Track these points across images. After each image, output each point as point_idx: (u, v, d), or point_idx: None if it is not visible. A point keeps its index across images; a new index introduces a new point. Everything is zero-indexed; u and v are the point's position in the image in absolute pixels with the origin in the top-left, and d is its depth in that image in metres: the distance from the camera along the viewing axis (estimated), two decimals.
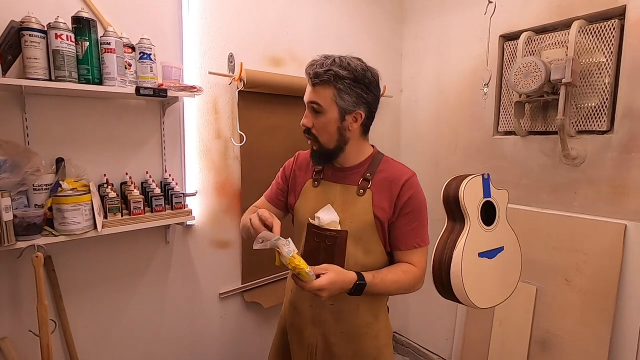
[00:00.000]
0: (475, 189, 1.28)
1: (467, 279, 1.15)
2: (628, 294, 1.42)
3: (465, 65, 1.92)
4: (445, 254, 1.20)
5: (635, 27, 1.36)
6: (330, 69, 0.93)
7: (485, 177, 1.30)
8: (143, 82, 1.18)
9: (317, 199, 1.02)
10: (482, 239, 1.28)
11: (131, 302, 1.39)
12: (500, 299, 1.28)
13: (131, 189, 1.22)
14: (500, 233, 1.32)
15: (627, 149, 1.41)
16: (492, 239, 1.30)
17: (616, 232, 1.43)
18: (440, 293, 1.23)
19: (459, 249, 1.17)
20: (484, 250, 1.27)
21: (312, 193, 1.04)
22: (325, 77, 0.93)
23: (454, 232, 1.25)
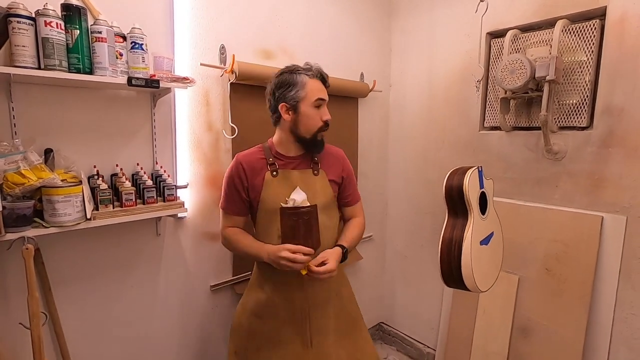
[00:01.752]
0: (475, 182, 1.33)
1: (476, 268, 1.21)
2: (603, 281, 1.50)
3: (453, 61, 1.96)
4: (454, 248, 1.24)
5: (614, 27, 1.42)
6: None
7: (480, 170, 1.36)
8: (135, 72, 1.17)
9: (280, 185, 1.21)
10: (481, 227, 1.34)
11: (122, 295, 1.38)
12: (494, 279, 1.36)
13: (122, 181, 1.21)
14: (491, 220, 1.39)
15: (605, 144, 1.48)
16: (487, 226, 1.37)
17: (593, 224, 1.50)
18: (448, 284, 1.28)
19: (467, 242, 1.22)
20: (483, 238, 1.33)
21: (274, 182, 1.21)
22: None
23: (457, 225, 1.29)
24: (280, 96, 1.19)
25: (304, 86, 1.17)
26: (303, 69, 1.20)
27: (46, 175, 1.04)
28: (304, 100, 1.17)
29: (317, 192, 1.23)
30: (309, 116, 1.19)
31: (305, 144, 1.23)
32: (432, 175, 2.11)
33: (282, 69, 1.22)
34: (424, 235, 2.17)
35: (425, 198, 2.16)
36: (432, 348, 2.18)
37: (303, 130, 1.20)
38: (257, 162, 1.23)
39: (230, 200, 1.24)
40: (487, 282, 1.30)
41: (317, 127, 1.20)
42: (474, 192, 1.27)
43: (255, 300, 1.28)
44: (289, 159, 1.24)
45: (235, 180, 1.22)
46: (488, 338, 1.79)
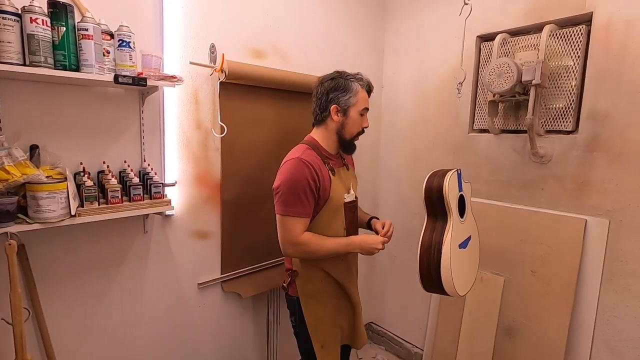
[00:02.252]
0: (454, 185, 1.33)
1: (455, 272, 1.20)
2: (586, 284, 1.52)
3: (444, 63, 1.97)
4: (434, 250, 1.24)
5: (600, 33, 1.44)
6: None
7: (459, 172, 1.36)
8: (122, 70, 1.17)
9: (339, 183, 1.33)
10: (460, 231, 1.34)
11: (108, 292, 1.39)
12: (471, 283, 1.36)
13: (109, 178, 1.21)
14: (469, 223, 1.40)
15: (590, 149, 1.50)
16: (465, 229, 1.37)
17: (577, 227, 1.52)
18: (426, 288, 1.27)
19: (447, 245, 1.21)
20: (461, 242, 1.33)
21: (335, 180, 1.32)
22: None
23: (437, 228, 1.28)
24: (333, 97, 1.30)
25: (357, 94, 1.30)
26: (356, 78, 1.32)
27: (30, 171, 1.04)
28: (354, 106, 1.30)
29: (354, 187, 1.42)
30: (354, 121, 1.32)
31: (344, 144, 1.36)
32: (423, 176, 2.08)
33: (333, 73, 1.34)
34: (414, 236, 2.18)
35: (415, 199, 2.18)
36: (420, 348, 2.20)
37: (347, 132, 1.33)
38: (318, 162, 1.28)
39: (305, 203, 1.23)
40: (465, 286, 1.31)
41: (358, 131, 1.35)
42: (454, 195, 1.28)
43: (328, 285, 1.37)
44: (333, 158, 1.37)
45: (310, 182, 1.23)
46: (474, 338, 1.81)
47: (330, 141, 1.35)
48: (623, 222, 1.43)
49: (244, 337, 1.83)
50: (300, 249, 1.25)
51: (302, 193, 1.22)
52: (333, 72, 1.34)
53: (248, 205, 1.72)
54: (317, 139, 1.35)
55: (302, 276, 1.34)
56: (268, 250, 1.82)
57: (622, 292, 1.45)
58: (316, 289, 1.35)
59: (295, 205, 1.22)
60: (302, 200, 1.22)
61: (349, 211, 1.32)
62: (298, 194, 1.21)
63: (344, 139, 1.34)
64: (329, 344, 1.36)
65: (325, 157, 1.32)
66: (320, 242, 1.25)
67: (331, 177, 1.30)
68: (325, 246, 1.26)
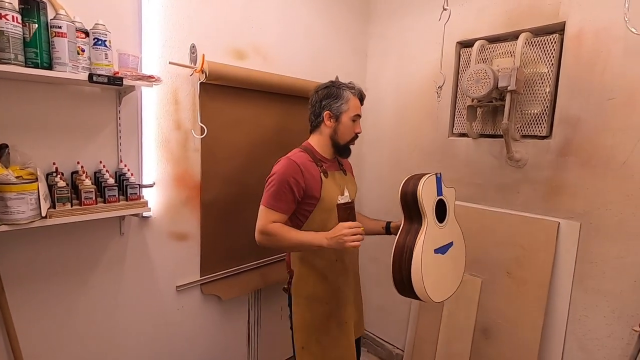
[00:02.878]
0: (431, 188, 1.34)
1: (426, 276, 1.20)
2: (559, 284, 1.56)
3: (425, 68, 2.01)
4: (405, 253, 1.24)
5: (572, 41, 1.49)
6: None
7: (438, 176, 1.37)
8: (97, 69, 1.15)
9: (332, 185, 1.37)
10: (437, 235, 1.34)
11: (83, 295, 1.36)
12: (451, 292, 1.36)
13: (82, 179, 1.19)
14: (450, 229, 1.39)
15: (562, 153, 1.54)
16: (444, 235, 1.37)
17: (551, 229, 1.57)
18: (400, 292, 1.27)
19: (418, 247, 1.21)
20: (438, 247, 1.33)
21: (328, 182, 1.35)
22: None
23: (411, 231, 1.29)
24: (326, 104, 1.37)
25: (348, 101, 1.37)
26: (348, 86, 1.39)
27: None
28: (346, 113, 1.37)
29: (351, 190, 1.46)
30: (346, 126, 1.38)
31: (338, 149, 1.42)
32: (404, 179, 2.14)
33: (327, 83, 1.42)
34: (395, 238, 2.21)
35: (397, 201, 2.19)
36: (401, 349, 2.22)
37: (340, 137, 1.39)
38: (308, 164, 1.34)
39: (282, 199, 1.29)
40: (441, 292, 1.29)
41: (351, 136, 1.40)
42: (429, 199, 1.29)
43: (322, 290, 1.39)
44: (328, 162, 1.42)
45: (291, 180, 1.28)
46: (452, 339, 1.84)
47: (325, 146, 1.41)
48: (593, 224, 1.48)
49: (224, 340, 1.82)
50: (267, 238, 1.29)
51: (281, 188, 1.28)
52: (327, 82, 1.42)
53: (229, 206, 1.70)
54: (312, 144, 1.42)
55: (297, 276, 1.40)
56: (249, 252, 1.81)
57: (592, 292, 1.50)
58: (307, 292, 1.39)
59: (272, 197, 1.29)
60: (279, 195, 1.29)
61: (343, 212, 1.37)
62: (277, 188, 1.28)
63: (338, 143, 1.40)
64: (311, 346, 1.38)
65: (319, 160, 1.38)
66: (286, 232, 1.27)
67: (322, 178, 1.34)
68: (291, 237, 1.26)
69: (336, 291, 1.41)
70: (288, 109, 1.88)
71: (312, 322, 1.38)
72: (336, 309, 1.41)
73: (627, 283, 1.41)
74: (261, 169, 1.78)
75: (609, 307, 1.46)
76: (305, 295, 1.39)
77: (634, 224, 1.38)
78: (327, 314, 1.40)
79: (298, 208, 1.34)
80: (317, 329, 1.39)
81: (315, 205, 1.33)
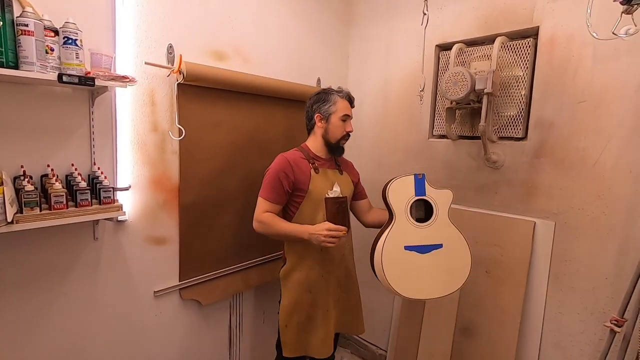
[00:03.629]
0: (405, 188, 1.40)
1: (389, 268, 1.34)
2: (535, 283, 1.60)
3: (406, 70, 2.03)
4: (373, 245, 1.42)
5: (545, 46, 1.53)
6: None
7: (419, 177, 1.41)
8: (67, 69, 1.11)
9: (322, 180, 1.50)
10: (411, 234, 1.38)
11: (54, 303, 1.30)
12: (435, 294, 1.39)
13: (52, 182, 1.14)
14: (438, 231, 1.41)
15: (537, 155, 1.58)
16: (426, 235, 1.39)
17: (527, 229, 1.60)
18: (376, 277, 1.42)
19: (380, 242, 1.37)
20: (412, 244, 1.38)
21: (318, 178, 1.49)
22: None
23: (385, 226, 1.43)
24: (316, 108, 1.53)
25: (335, 103, 1.51)
26: (336, 90, 1.54)
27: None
28: (334, 114, 1.51)
29: (344, 188, 1.56)
30: (336, 126, 1.51)
31: (330, 148, 1.55)
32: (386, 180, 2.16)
33: (320, 89, 1.59)
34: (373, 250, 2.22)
35: (379, 202, 2.21)
36: (384, 350, 2.23)
37: (331, 136, 1.52)
38: (300, 161, 1.50)
39: (274, 190, 1.45)
40: (412, 288, 1.39)
41: (341, 134, 1.53)
42: (400, 198, 1.40)
43: (306, 278, 1.49)
44: (322, 160, 1.55)
45: (281, 174, 1.45)
46: (433, 338, 1.86)
47: (319, 145, 1.55)
48: (567, 224, 1.52)
49: (204, 346, 1.78)
50: (261, 226, 1.46)
51: (273, 180, 1.45)
52: (320, 89, 1.60)
53: (208, 209, 1.68)
54: (308, 144, 1.58)
55: (289, 264, 1.52)
56: (230, 255, 1.79)
57: (566, 290, 1.54)
58: (294, 279, 1.50)
59: (266, 189, 1.47)
60: (271, 187, 1.46)
61: (332, 206, 1.45)
62: (270, 181, 1.46)
63: (330, 142, 1.53)
64: (293, 325, 1.50)
65: (312, 158, 1.53)
66: (277, 223, 1.44)
67: (312, 174, 1.48)
68: (280, 227, 1.43)
69: (320, 280, 1.51)
70: (269, 111, 1.87)
71: (297, 305, 1.49)
72: (319, 297, 1.51)
73: (599, 280, 1.45)
74: (241, 171, 1.77)
75: (582, 304, 1.50)
76: (293, 281, 1.51)
77: (605, 223, 1.43)
78: (310, 301, 1.50)
79: (290, 200, 1.50)
80: (300, 313, 1.50)
81: (304, 197, 1.47)
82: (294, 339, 1.50)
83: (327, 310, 1.52)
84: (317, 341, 1.51)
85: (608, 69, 1.39)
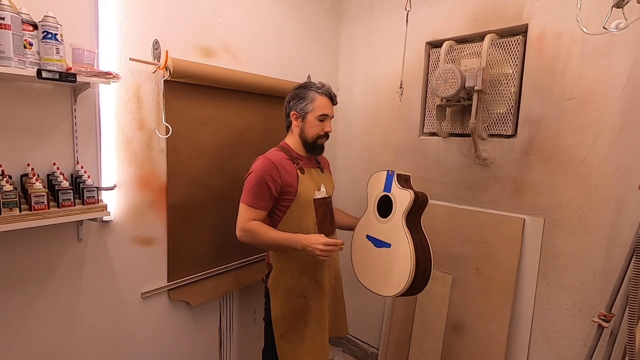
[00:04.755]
0: (378, 182, 1.47)
1: (354, 252, 1.53)
2: (524, 279, 1.61)
3: (396, 68, 2.02)
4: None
5: (534, 43, 1.54)
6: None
7: (390, 173, 1.41)
8: (47, 64, 1.07)
9: (309, 181, 1.43)
10: (373, 225, 1.47)
11: (37, 307, 1.26)
12: (377, 289, 1.43)
13: (33, 182, 1.11)
14: (390, 231, 1.41)
15: (526, 152, 1.59)
16: (382, 230, 1.43)
17: (516, 225, 1.61)
18: None
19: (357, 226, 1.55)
20: (371, 235, 1.46)
21: (305, 179, 1.42)
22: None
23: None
24: (292, 105, 1.44)
25: (313, 101, 1.41)
26: (315, 86, 1.43)
27: None
28: (311, 112, 1.41)
29: (328, 187, 1.51)
30: (311, 125, 1.42)
31: (307, 146, 1.46)
32: None
33: (299, 84, 1.48)
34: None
35: None
36: (376, 347, 2.23)
37: (307, 136, 1.43)
38: (285, 162, 1.40)
39: (260, 196, 1.35)
40: (366, 277, 1.48)
41: (317, 134, 1.43)
42: (373, 190, 1.47)
43: (298, 283, 1.43)
44: (305, 159, 1.47)
45: (268, 178, 1.34)
46: (424, 335, 1.86)
47: (297, 144, 1.47)
48: (555, 220, 1.53)
49: (194, 347, 1.76)
50: (247, 235, 1.35)
51: (258, 186, 1.34)
52: (300, 83, 1.49)
53: (197, 208, 1.65)
54: (288, 142, 1.49)
55: (276, 270, 1.44)
56: (219, 255, 1.76)
57: (555, 286, 1.55)
58: (285, 285, 1.43)
59: (251, 195, 1.35)
60: (256, 192, 1.34)
61: (320, 207, 1.42)
62: (255, 186, 1.34)
63: (307, 141, 1.45)
64: (289, 334, 1.44)
65: (295, 158, 1.44)
66: (265, 231, 1.34)
67: (299, 175, 1.40)
68: (269, 236, 1.33)
69: (313, 284, 1.45)
70: (258, 108, 1.84)
71: (291, 313, 1.44)
72: (313, 302, 1.45)
73: (587, 276, 1.47)
74: (231, 169, 1.74)
75: (570, 299, 1.51)
76: (283, 287, 1.43)
77: (592, 219, 1.44)
78: (304, 306, 1.45)
79: (276, 204, 1.40)
80: (296, 320, 1.44)
81: (292, 200, 1.39)
82: (292, 349, 1.43)
83: (323, 314, 1.47)
84: (315, 348, 1.45)
85: (596, 66, 1.40)
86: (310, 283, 1.45)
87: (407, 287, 1.32)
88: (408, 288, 1.32)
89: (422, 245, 1.37)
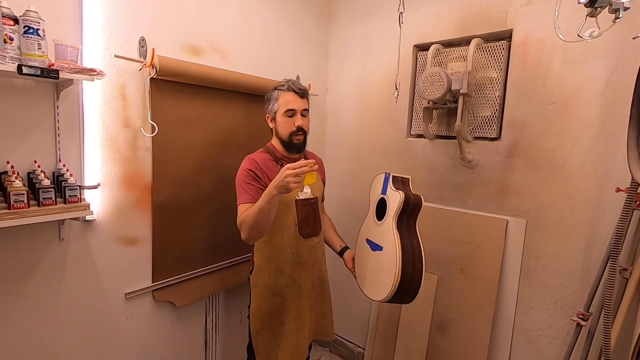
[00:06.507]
0: (379, 185, 1.45)
1: (356, 255, 1.52)
2: (507, 279, 1.65)
3: (384, 70, 2.04)
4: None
5: (518, 49, 1.57)
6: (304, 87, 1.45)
7: (386, 176, 1.41)
8: (28, 60, 1.05)
9: None
10: (372, 229, 1.44)
11: (14, 309, 1.23)
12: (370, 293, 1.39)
13: (12, 180, 1.08)
14: (383, 233, 1.37)
15: (510, 155, 1.63)
16: (378, 233, 1.41)
17: (500, 226, 1.65)
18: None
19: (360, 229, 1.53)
20: (370, 239, 1.45)
21: None
22: (305, 92, 1.43)
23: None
24: (266, 109, 1.48)
25: (277, 100, 1.42)
26: (280, 84, 1.43)
27: None
28: (278, 111, 1.42)
29: (315, 188, 1.50)
30: (281, 123, 1.42)
31: (285, 146, 1.44)
32: (365, 178, 2.17)
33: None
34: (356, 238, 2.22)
35: (358, 200, 2.22)
36: (362, 347, 2.24)
37: (282, 134, 1.43)
38: (267, 161, 1.42)
39: (247, 190, 1.35)
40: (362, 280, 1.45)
41: (290, 131, 1.40)
42: (374, 193, 1.46)
43: (276, 282, 1.43)
44: (288, 160, 1.45)
45: (249, 172, 1.37)
46: (410, 335, 1.88)
47: (279, 145, 1.47)
48: (537, 222, 1.57)
49: (179, 348, 1.74)
50: (245, 228, 1.29)
51: (244, 183, 1.37)
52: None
53: (183, 208, 1.63)
54: (273, 144, 1.50)
55: (256, 267, 1.46)
56: (205, 255, 1.75)
57: (536, 285, 1.59)
58: (264, 283, 1.44)
59: (241, 193, 1.37)
60: (244, 189, 1.36)
61: (302, 207, 1.43)
62: (241, 184, 1.37)
63: (282, 140, 1.45)
64: (264, 332, 1.45)
65: (279, 159, 1.45)
66: (250, 210, 1.27)
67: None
68: (254, 210, 1.25)
69: (291, 284, 1.45)
70: (246, 108, 1.84)
71: (267, 311, 1.44)
72: (291, 301, 1.45)
73: (566, 276, 1.51)
74: (217, 169, 1.73)
75: (551, 299, 1.55)
76: (262, 285, 1.45)
77: (572, 221, 1.48)
78: (282, 306, 1.45)
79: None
80: (271, 318, 1.45)
81: None
82: (267, 346, 1.45)
83: (300, 314, 1.47)
84: (290, 347, 1.45)
85: (576, 72, 1.44)
86: (288, 282, 1.44)
87: (393, 293, 1.24)
88: (394, 293, 1.25)
89: (413, 250, 1.29)
